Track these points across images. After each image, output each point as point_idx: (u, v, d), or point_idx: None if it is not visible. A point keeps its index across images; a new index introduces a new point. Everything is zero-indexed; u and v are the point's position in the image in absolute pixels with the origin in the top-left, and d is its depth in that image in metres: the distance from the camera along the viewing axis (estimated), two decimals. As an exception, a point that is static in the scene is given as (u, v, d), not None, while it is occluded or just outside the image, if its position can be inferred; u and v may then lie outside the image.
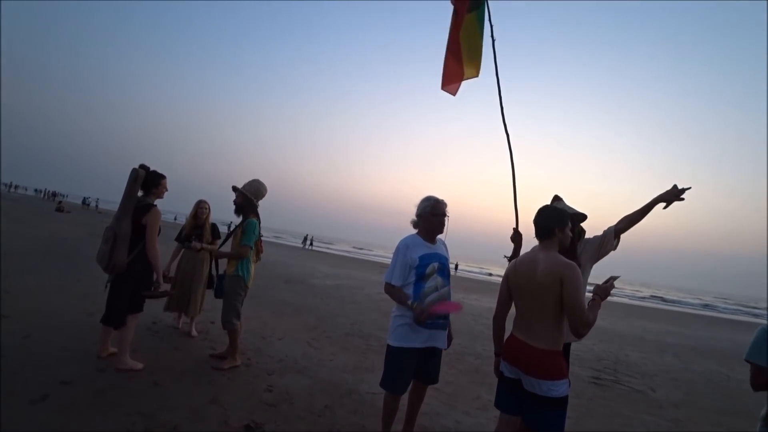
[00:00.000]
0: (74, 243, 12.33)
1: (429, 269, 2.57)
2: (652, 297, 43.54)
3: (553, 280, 2.00)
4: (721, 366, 7.97)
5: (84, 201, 54.32)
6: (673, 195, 2.47)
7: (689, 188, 2.44)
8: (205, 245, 4.79)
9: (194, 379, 3.41)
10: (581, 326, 1.94)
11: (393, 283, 2.60)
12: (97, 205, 52.84)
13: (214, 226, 5.02)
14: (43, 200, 48.99)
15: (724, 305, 43.55)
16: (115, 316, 3.37)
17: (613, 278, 2.21)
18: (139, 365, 3.41)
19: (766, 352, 1.65)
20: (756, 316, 32.72)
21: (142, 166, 3.43)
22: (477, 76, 3.46)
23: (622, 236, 2.65)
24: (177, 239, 4.94)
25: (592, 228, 2.80)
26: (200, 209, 4.89)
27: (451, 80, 3.51)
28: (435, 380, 2.75)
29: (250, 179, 3.93)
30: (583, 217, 2.77)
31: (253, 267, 3.88)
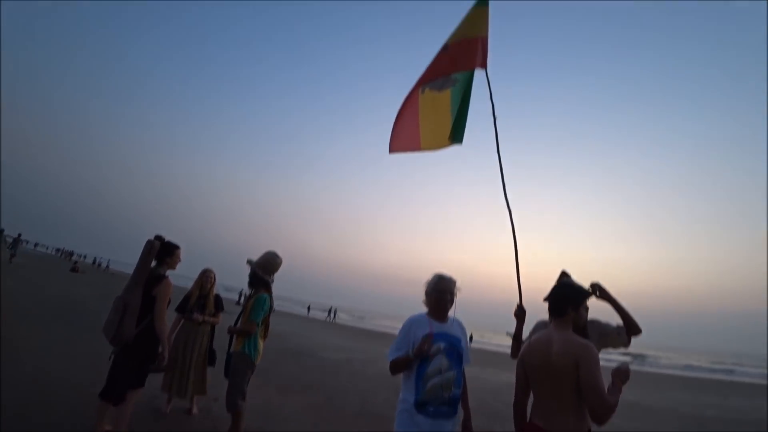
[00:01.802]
0: (85, 306, 12.25)
1: (433, 349, 2.40)
2: (669, 363, 40.94)
3: (569, 362, 1.91)
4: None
5: (95, 261, 54.91)
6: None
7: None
8: (207, 318, 4.60)
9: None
10: (602, 410, 1.81)
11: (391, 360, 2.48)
12: (108, 266, 53.36)
13: (218, 298, 4.85)
14: (61, 259, 49.83)
15: (745, 369, 40.34)
16: (115, 390, 3.20)
17: (627, 363, 2.14)
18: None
19: None
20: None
21: (158, 237, 3.45)
22: (444, 146, 3.60)
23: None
24: (178, 309, 4.69)
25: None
26: (205, 279, 4.76)
27: (404, 145, 3.73)
28: None
29: (266, 251, 3.88)
30: (588, 294, 2.67)
31: (261, 344, 3.70)
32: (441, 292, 2.55)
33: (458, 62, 3.54)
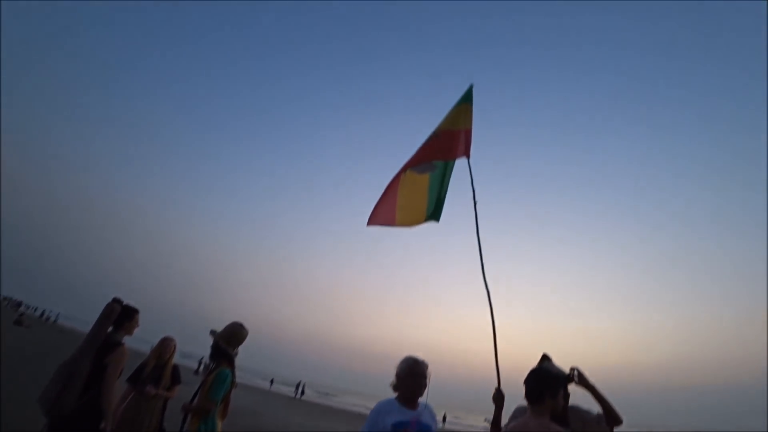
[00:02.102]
0: (22, 367, 11.07)
1: None
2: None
3: None
4: None
5: (42, 314, 50.78)
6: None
7: None
8: (160, 391, 4.17)
9: None
10: None
11: None
12: (56, 320, 49.33)
13: (175, 369, 4.45)
14: (7, 308, 45.97)
15: None
16: None
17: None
18: None
19: None
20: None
21: (117, 300, 3.26)
22: (417, 224, 3.86)
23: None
24: (130, 380, 4.22)
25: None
26: (164, 348, 4.40)
27: (381, 219, 3.96)
28: None
29: (231, 321, 3.61)
30: (567, 381, 2.61)
31: (219, 424, 3.35)
32: (417, 376, 2.45)
33: (441, 152, 3.87)
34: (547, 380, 2.12)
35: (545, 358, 2.77)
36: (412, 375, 2.45)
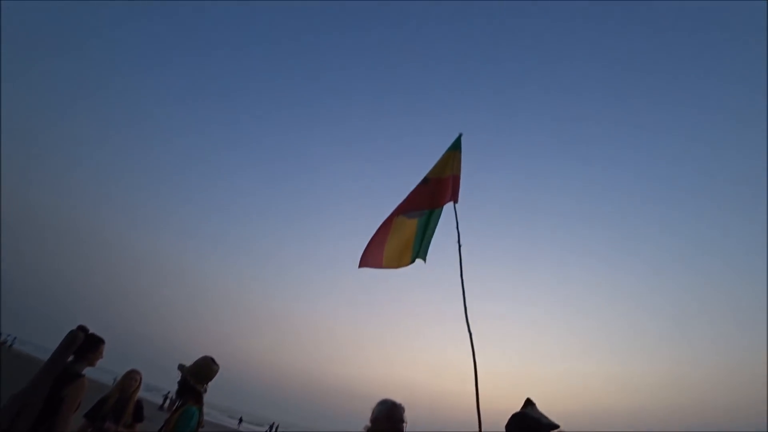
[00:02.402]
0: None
1: None
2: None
3: None
4: None
5: (-2, 338, 47.38)
6: None
7: None
8: (120, 429, 3.88)
9: None
10: None
11: None
12: (11, 344, 46.22)
13: (139, 405, 4.16)
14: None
15: None
16: None
17: None
18: None
19: None
20: None
21: (81, 328, 3.08)
22: (404, 265, 4.11)
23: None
24: (88, 415, 3.89)
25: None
26: (129, 381, 4.13)
27: (370, 261, 4.16)
28: None
29: (201, 356, 3.37)
30: (556, 426, 2.54)
31: None
32: (394, 421, 2.37)
33: (429, 199, 4.15)
34: (530, 427, 2.07)
35: (528, 402, 2.71)
36: (388, 419, 2.37)
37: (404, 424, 2.40)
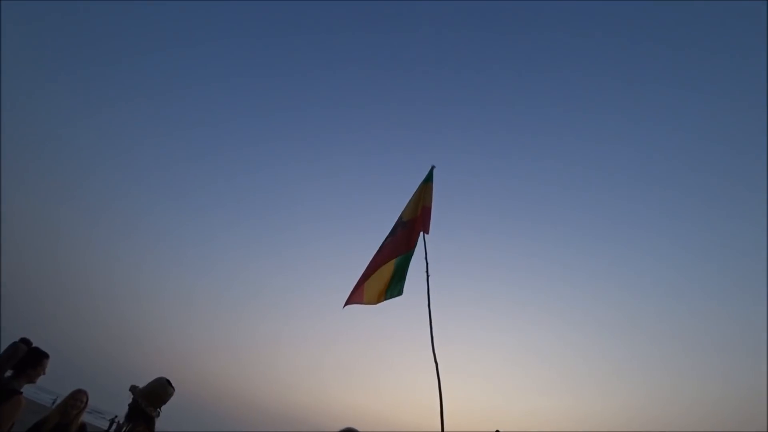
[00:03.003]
0: None
1: None
2: None
3: None
4: None
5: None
6: None
7: None
8: None
9: None
10: None
11: None
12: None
13: (82, 428, 3.82)
14: None
15: None
16: None
17: None
18: None
19: None
20: None
21: (24, 341, 2.88)
22: (380, 302, 4.27)
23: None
24: None
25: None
26: (72, 403, 3.75)
27: (353, 299, 4.33)
28: None
29: (156, 377, 3.18)
30: None
31: None
32: None
33: (408, 242, 4.30)
34: None
35: None
36: None
37: None
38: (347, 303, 4.35)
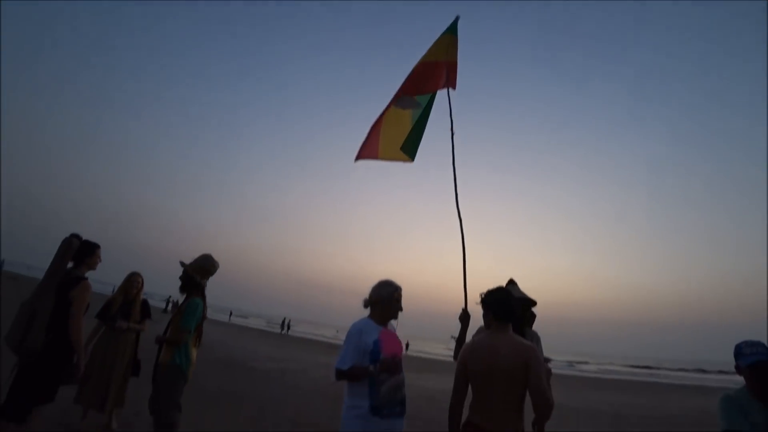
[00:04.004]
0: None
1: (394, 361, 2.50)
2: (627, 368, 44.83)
3: (519, 364, 2.01)
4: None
5: (-17, 263, 46.56)
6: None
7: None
8: (132, 325, 4.21)
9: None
10: (547, 410, 1.98)
11: (345, 369, 2.46)
12: (1, 266, 46.03)
13: (145, 304, 4.45)
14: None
15: (664, 371, 44.64)
16: (16, 408, 2.78)
17: (548, 360, 2.36)
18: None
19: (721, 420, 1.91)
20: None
21: (75, 236, 3.10)
22: (401, 160, 3.98)
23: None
24: (99, 316, 4.22)
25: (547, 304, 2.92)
26: (131, 283, 4.36)
27: (366, 153, 4.02)
28: None
29: (201, 254, 3.60)
30: (533, 302, 2.85)
31: (193, 353, 3.44)
32: (395, 301, 2.61)
33: (423, 85, 3.93)
34: (502, 298, 2.23)
35: (511, 282, 2.96)
36: (390, 299, 2.60)
37: (401, 304, 2.64)
38: (359, 157, 4.04)
